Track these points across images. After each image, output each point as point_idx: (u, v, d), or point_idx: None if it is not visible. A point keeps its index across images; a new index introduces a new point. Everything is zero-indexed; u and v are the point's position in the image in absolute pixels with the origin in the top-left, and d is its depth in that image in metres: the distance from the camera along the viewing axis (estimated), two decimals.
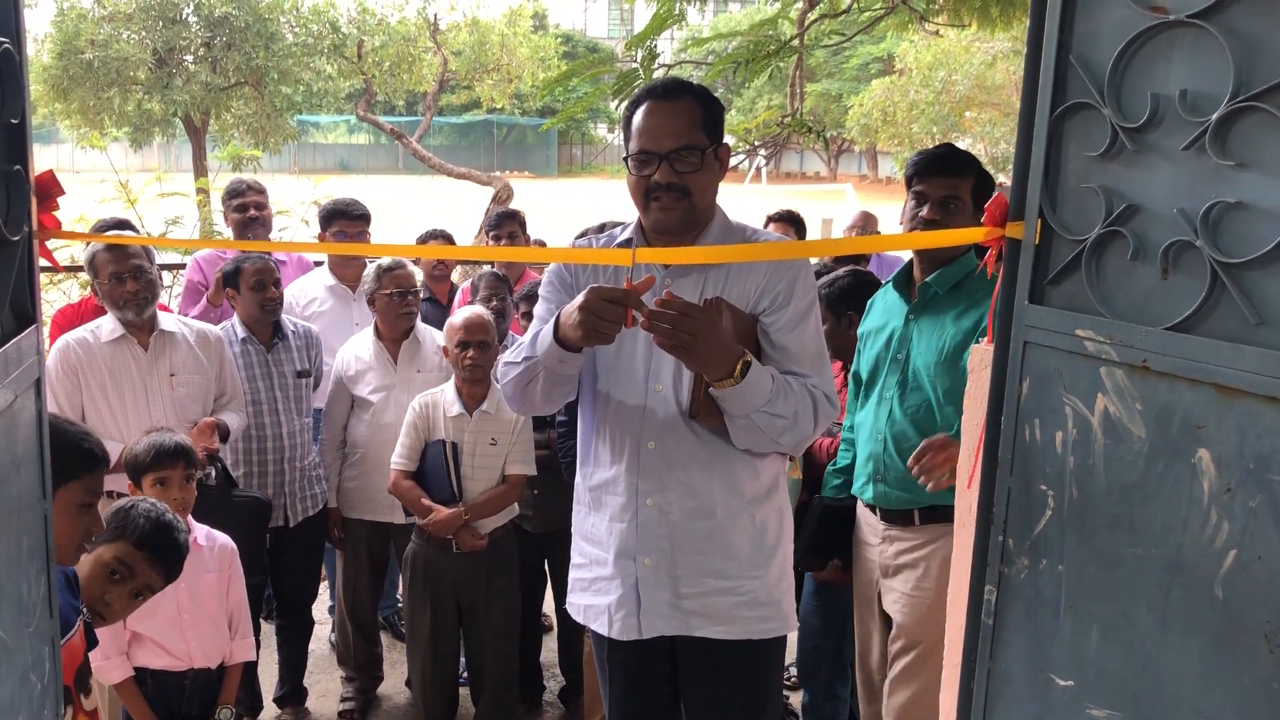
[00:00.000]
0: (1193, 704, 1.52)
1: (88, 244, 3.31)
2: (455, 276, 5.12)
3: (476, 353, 3.41)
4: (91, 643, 2.23)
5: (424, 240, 4.95)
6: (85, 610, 2.16)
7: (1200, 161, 1.48)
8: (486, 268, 4.58)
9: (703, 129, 2.19)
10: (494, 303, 4.01)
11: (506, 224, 4.77)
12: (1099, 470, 1.64)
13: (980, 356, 1.93)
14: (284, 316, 3.81)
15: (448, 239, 4.93)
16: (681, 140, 2.15)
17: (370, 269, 3.86)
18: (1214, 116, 1.44)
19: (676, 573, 2.24)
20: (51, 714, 1.58)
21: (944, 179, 2.68)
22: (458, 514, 3.35)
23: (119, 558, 2.34)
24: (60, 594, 2.15)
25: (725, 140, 2.25)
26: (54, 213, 1.55)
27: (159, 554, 2.41)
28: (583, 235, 4.42)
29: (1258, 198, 1.41)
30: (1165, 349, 1.51)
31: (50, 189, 1.52)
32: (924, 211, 2.68)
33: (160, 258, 3.89)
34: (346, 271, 4.38)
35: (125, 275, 3.25)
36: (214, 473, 3.30)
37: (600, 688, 2.51)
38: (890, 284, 2.92)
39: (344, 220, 4.35)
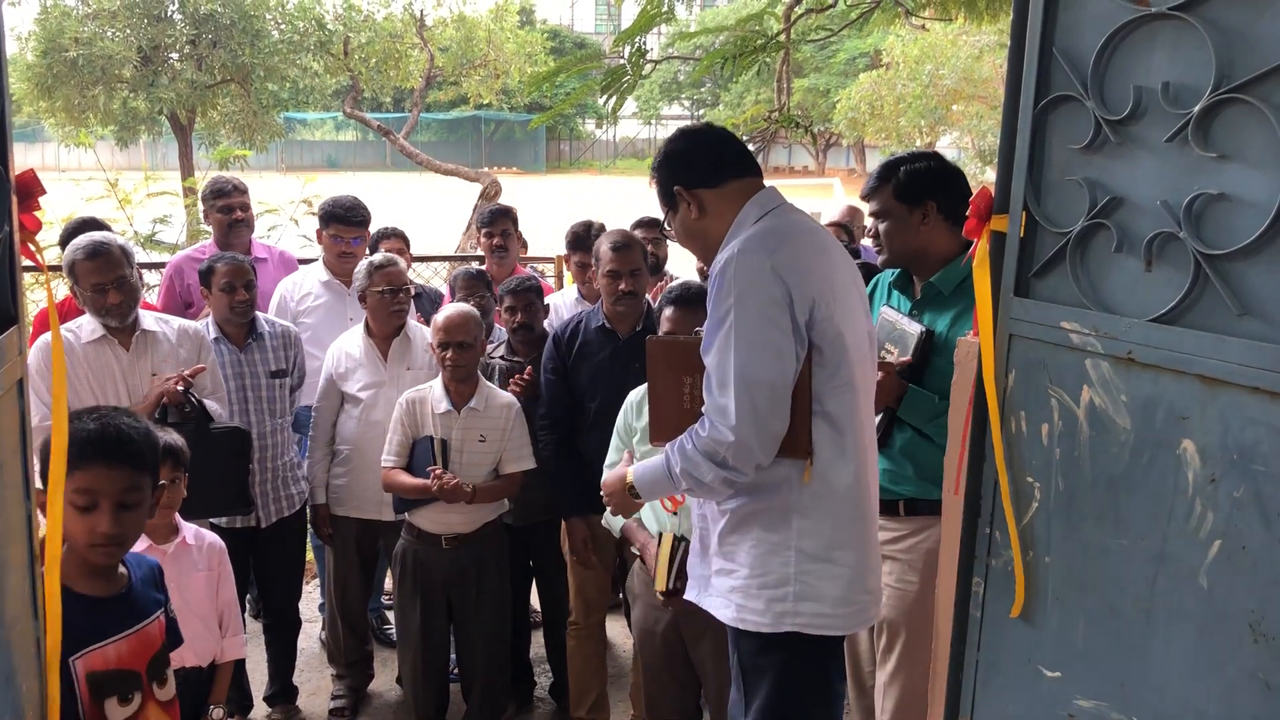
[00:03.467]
0: (1179, 693, 1.52)
1: (64, 247, 3.26)
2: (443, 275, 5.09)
3: (456, 353, 3.39)
4: (175, 639, 2.21)
5: (377, 238, 4.90)
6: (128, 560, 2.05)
7: (1183, 153, 1.48)
8: (463, 266, 4.56)
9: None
10: (472, 301, 3.98)
11: (500, 221, 4.74)
12: (1085, 462, 1.64)
13: (966, 349, 1.93)
14: (261, 315, 3.78)
15: (401, 237, 4.89)
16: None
17: (361, 265, 3.84)
18: (1196, 109, 1.44)
19: (706, 550, 2.43)
20: (39, 714, 1.57)
21: (872, 203, 2.84)
22: (466, 494, 3.33)
23: (74, 489, 1.91)
24: (143, 585, 2.11)
25: (674, 186, 2.38)
26: (35, 212, 1.54)
27: (108, 454, 1.93)
28: (576, 236, 4.45)
29: (1240, 189, 1.41)
30: (1150, 340, 1.52)
31: (31, 188, 1.51)
32: (873, 233, 2.91)
33: (141, 256, 3.84)
34: (342, 267, 4.35)
35: (108, 286, 3.21)
36: (190, 406, 3.29)
37: None
38: (889, 280, 2.94)
39: (340, 225, 4.32)
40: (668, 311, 3.00)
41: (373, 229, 4.98)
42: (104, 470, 1.91)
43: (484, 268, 4.62)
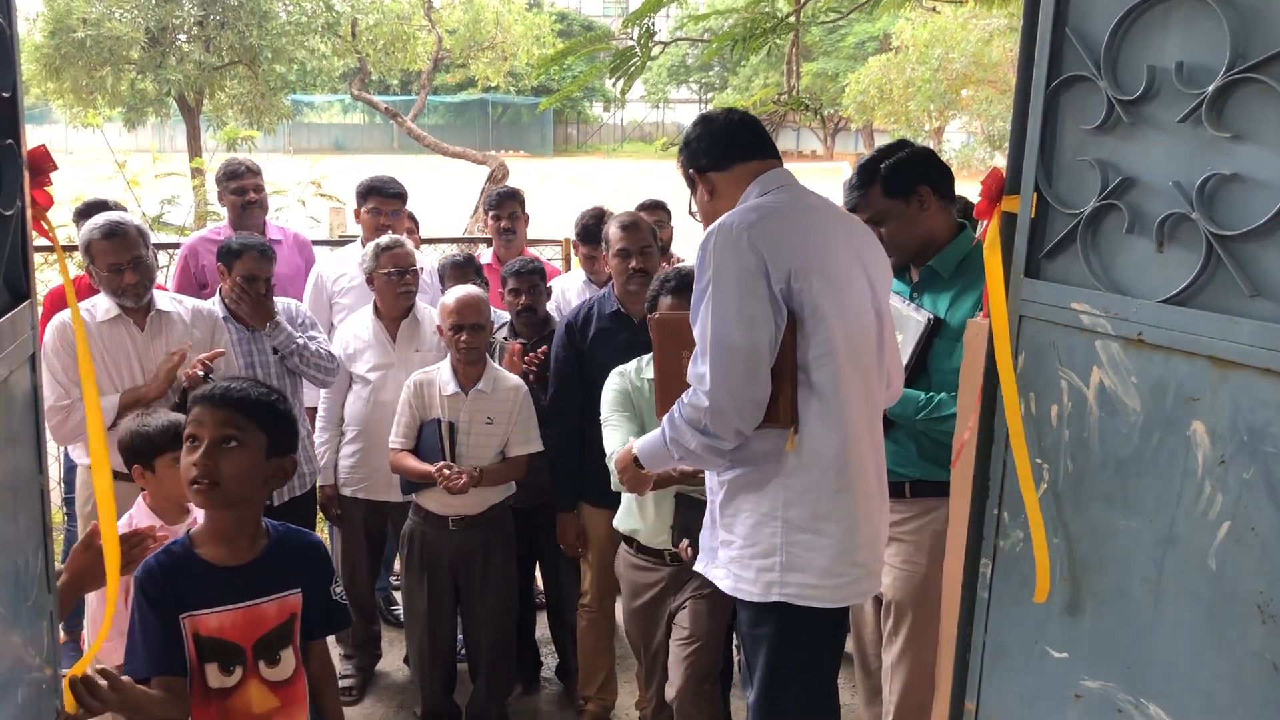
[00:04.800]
0: (1186, 675, 1.53)
1: (80, 227, 3.27)
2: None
3: (469, 335, 3.39)
4: (321, 624, 2.18)
5: None
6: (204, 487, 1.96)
7: (1196, 134, 1.48)
8: (448, 251, 4.56)
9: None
10: None
11: (508, 204, 4.76)
12: (1094, 443, 1.64)
13: (976, 330, 1.93)
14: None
15: (410, 218, 4.89)
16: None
17: (369, 247, 3.84)
18: (1210, 88, 1.43)
19: (713, 523, 2.47)
20: (51, 687, 1.59)
21: (863, 213, 2.76)
22: (470, 479, 3.33)
23: (188, 424, 2.03)
24: (283, 563, 2.07)
25: (689, 170, 2.48)
26: (46, 189, 1.55)
27: (214, 398, 2.01)
28: (584, 222, 4.44)
29: (1254, 170, 1.41)
30: (1160, 322, 1.52)
31: (43, 164, 1.51)
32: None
33: (156, 237, 3.84)
34: None
35: (124, 267, 3.22)
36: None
37: None
38: None
39: (379, 197, 4.37)
40: (666, 300, 3.01)
41: None
42: (208, 409, 1.99)
43: (476, 252, 4.62)
